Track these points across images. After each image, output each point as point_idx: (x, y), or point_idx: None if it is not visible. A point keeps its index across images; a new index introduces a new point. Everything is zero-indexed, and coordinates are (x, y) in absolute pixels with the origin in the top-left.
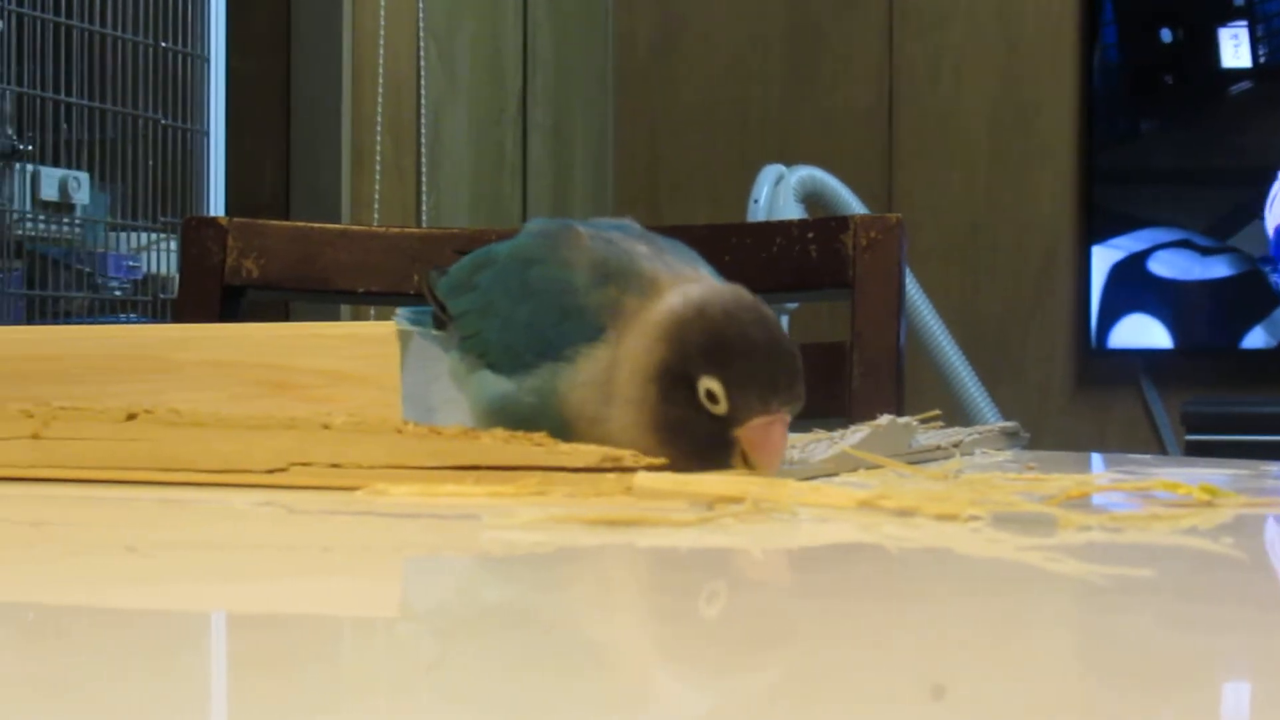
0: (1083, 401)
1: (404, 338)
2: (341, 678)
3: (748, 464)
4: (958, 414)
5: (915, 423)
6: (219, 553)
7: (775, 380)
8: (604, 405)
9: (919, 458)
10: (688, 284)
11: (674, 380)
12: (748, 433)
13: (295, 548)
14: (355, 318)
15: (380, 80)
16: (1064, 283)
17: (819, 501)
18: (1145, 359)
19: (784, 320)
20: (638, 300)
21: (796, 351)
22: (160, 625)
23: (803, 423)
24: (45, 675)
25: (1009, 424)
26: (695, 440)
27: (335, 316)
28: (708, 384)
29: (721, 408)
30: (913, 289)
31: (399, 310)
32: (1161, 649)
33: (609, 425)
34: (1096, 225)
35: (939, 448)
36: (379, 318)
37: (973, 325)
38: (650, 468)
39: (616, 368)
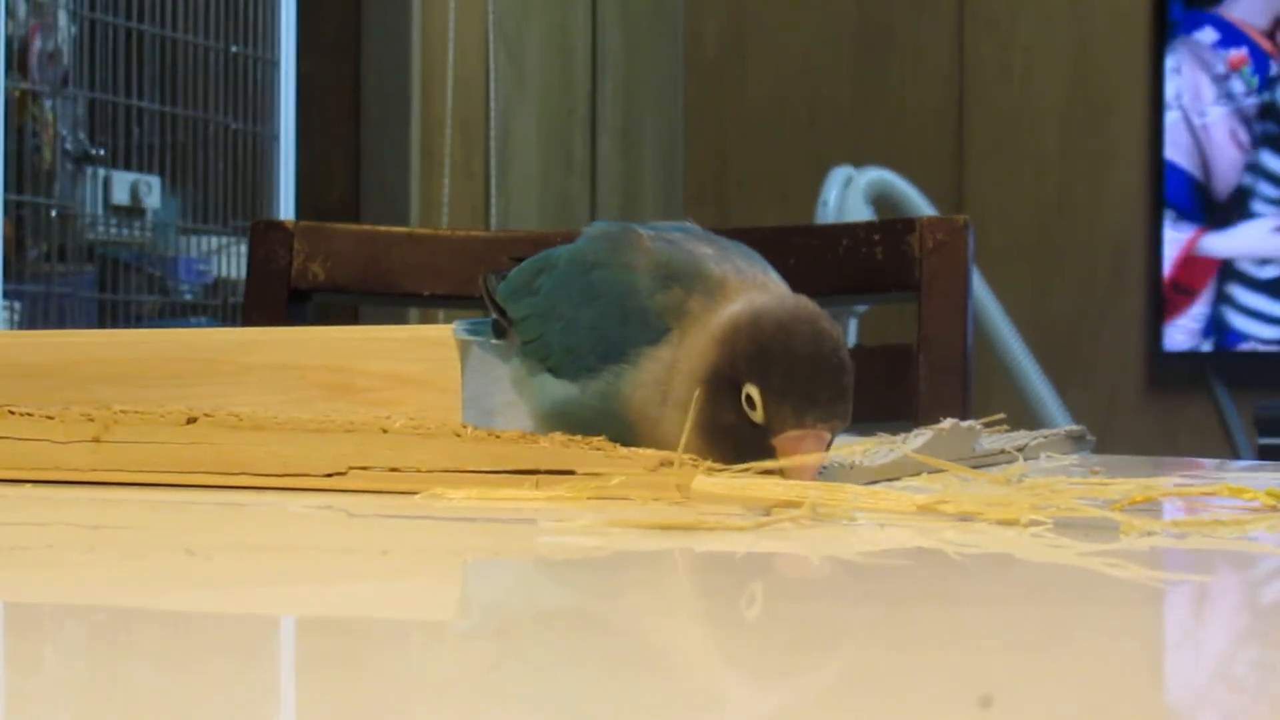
0: (1153, 404)
1: (463, 348)
2: (401, 682)
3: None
4: (1027, 417)
5: (979, 426)
6: (278, 556)
7: (813, 394)
8: (661, 406)
9: (981, 462)
10: (756, 291)
11: (722, 384)
12: (780, 443)
13: (354, 551)
14: (422, 320)
15: (449, 81)
16: (1135, 284)
17: (878, 506)
18: (1218, 360)
19: (852, 324)
20: (704, 301)
21: (846, 369)
22: (220, 629)
23: (867, 426)
24: (107, 678)
25: (1074, 427)
26: (738, 445)
27: (402, 319)
28: (749, 389)
29: (759, 415)
30: (982, 290)
31: (456, 322)
32: (1226, 659)
33: (665, 426)
34: (1168, 226)
35: (1002, 452)
36: (446, 320)
37: (1042, 327)
38: (707, 472)
39: (675, 369)
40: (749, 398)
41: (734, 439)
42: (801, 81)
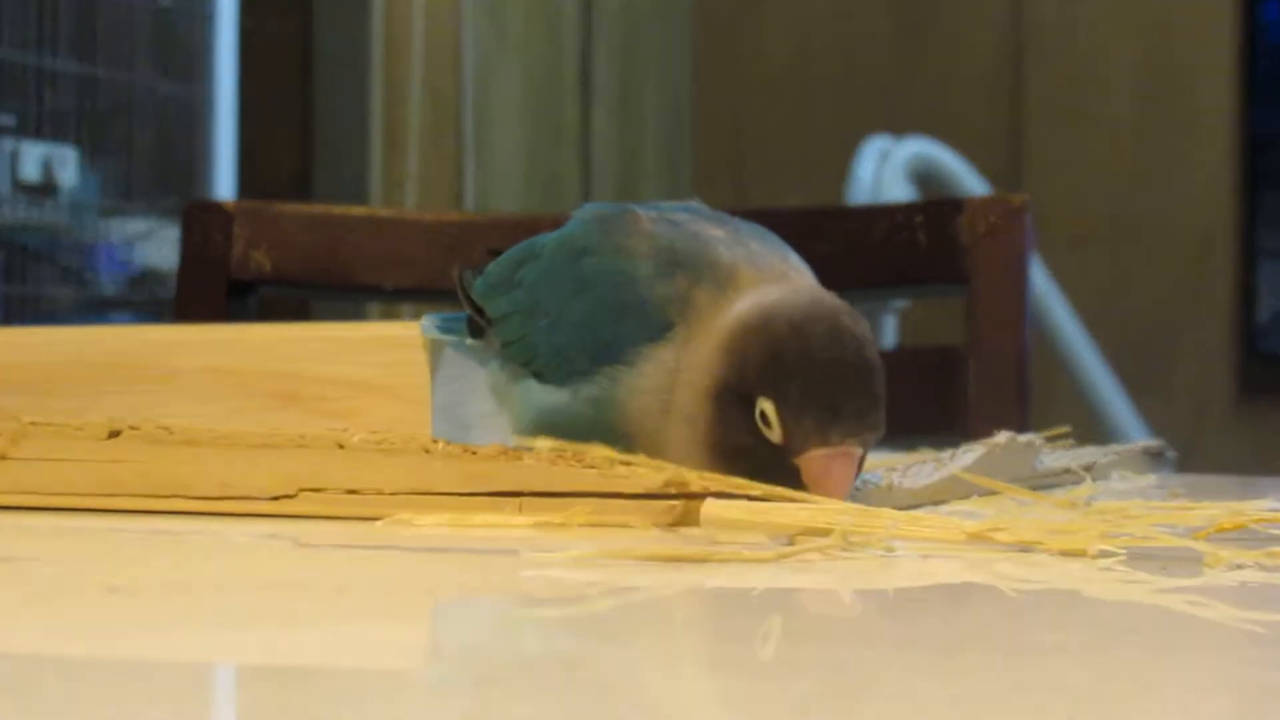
0: (1245, 414)
1: (434, 348)
2: None
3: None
4: (1095, 430)
5: (1040, 441)
6: (215, 594)
7: (837, 405)
8: (664, 415)
9: (1043, 482)
10: (770, 283)
11: (731, 398)
12: (805, 464)
13: (304, 588)
14: (385, 318)
15: (417, 39)
16: (1223, 274)
17: (921, 534)
18: None
19: (890, 322)
20: (713, 294)
21: (874, 371)
22: (147, 680)
23: (908, 440)
24: None
25: (1153, 442)
26: (756, 470)
27: (361, 317)
28: (762, 405)
29: (775, 434)
30: (1043, 283)
31: (425, 318)
32: None
33: (668, 439)
34: (1262, 206)
35: (1067, 471)
36: (412, 319)
37: (1114, 324)
38: (721, 494)
39: (680, 375)
40: (763, 414)
41: (750, 464)
42: (831, 38)
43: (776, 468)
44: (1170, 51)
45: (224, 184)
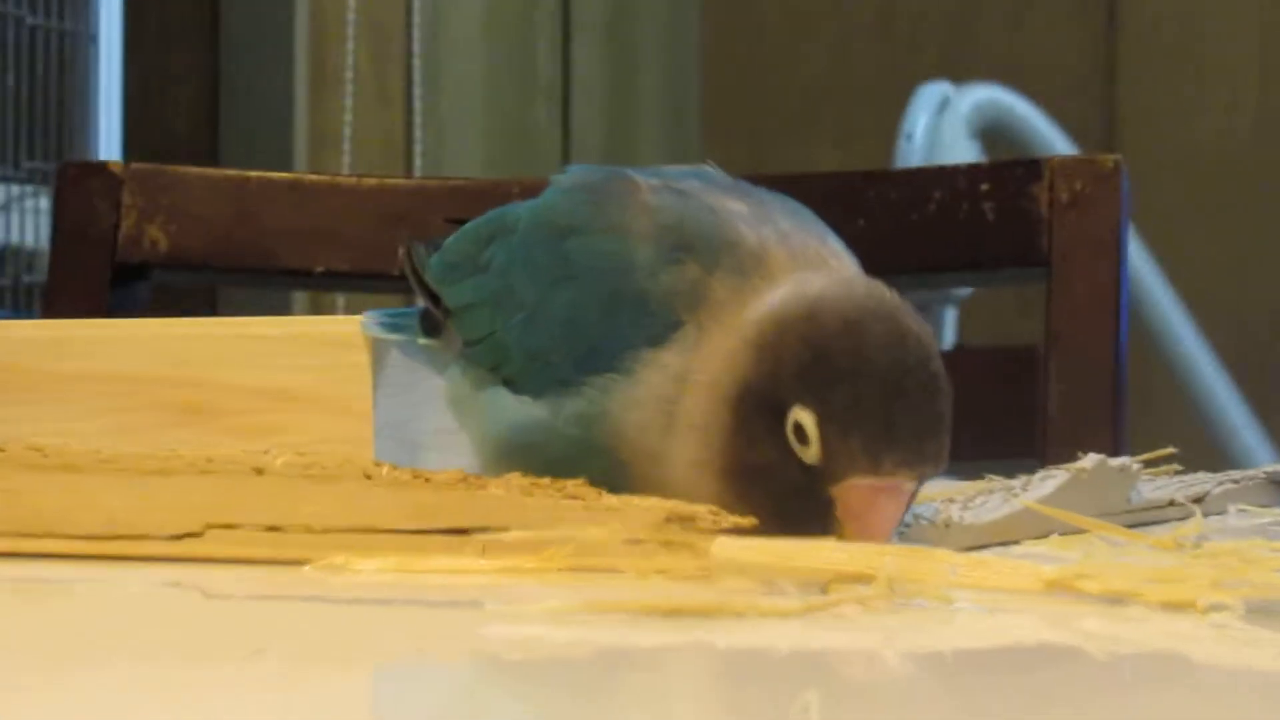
0: None
1: (377, 351)
2: None
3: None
4: (1207, 452)
5: (1136, 466)
6: (102, 658)
7: (893, 425)
8: (667, 435)
9: (1140, 517)
10: (810, 271)
11: (757, 405)
12: (844, 496)
13: (214, 652)
14: (315, 310)
15: None
16: None
17: (986, 582)
18: None
19: (949, 316)
20: (733, 283)
21: (941, 390)
22: None
23: (972, 465)
24: None
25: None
26: (779, 496)
27: (284, 309)
28: (799, 415)
29: (813, 453)
30: (1142, 265)
31: (367, 313)
32: None
33: (671, 464)
34: None
35: (1171, 504)
36: (348, 310)
37: (1235, 319)
38: (736, 530)
39: (688, 381)
40: (798, 427)
41: (773, 487)
42: None
43: (806, 496)
44: None
45: (108, 141)
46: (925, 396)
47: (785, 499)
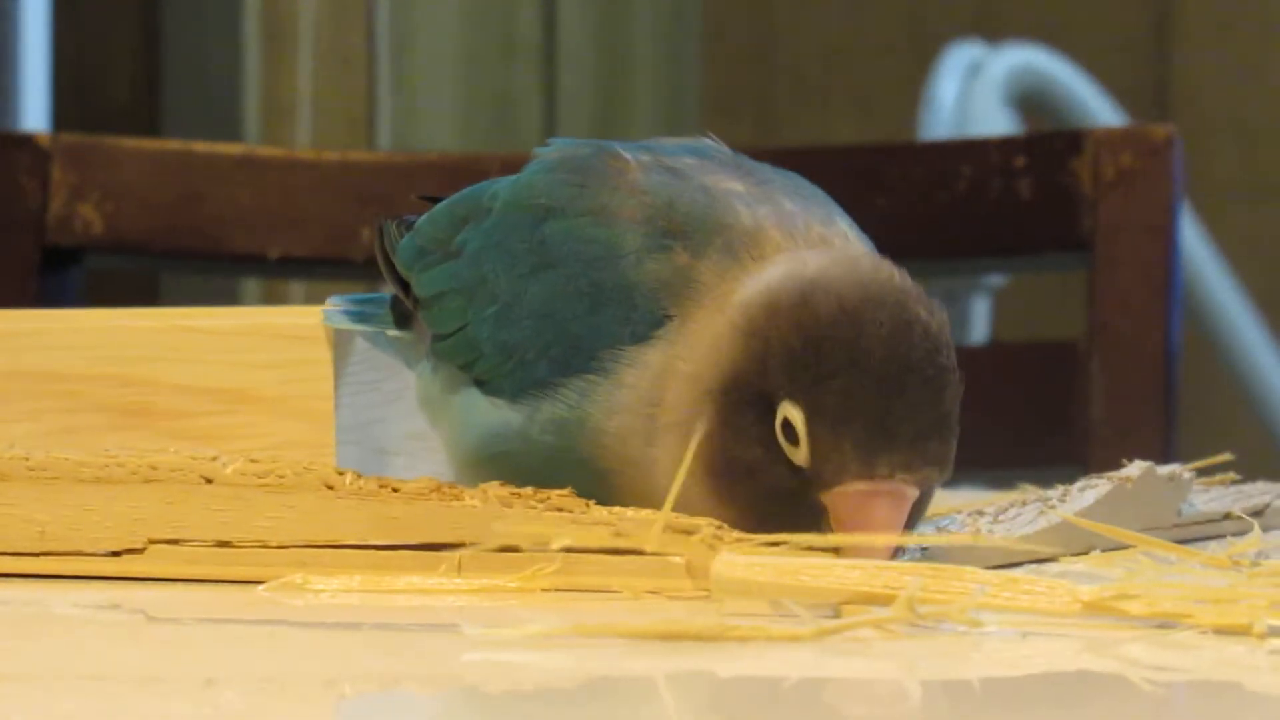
0: None
1: (341, 343)
2: None
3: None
4: (1268, 459)
5: (1188, 475)
6: (33, 689)
7: (891, 424)
8: (654, 440)
9: (1192, 532)
10: (807, 250)
11: (744, 398)
12: (835, 503)
13: (159, 681)
14: (269, 299)
15: None
16: None
17: (1019, 604)
18: None
19: (981, 306)
20: (724, 266)
21: (947, 383)
22: None
23: (1004, 474)
24: None
25: None
26: (763, 499)
27: (235, 299)
28: (787, 411)
29: (802, 454)
30: (1198, 250)
31: (331, 299)
32: None
33: (660, 473)
34: None
35: (1227, 517)
36: (308, 300)
37: None
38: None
39: (675, 377)
40: (787, 424)
41: (758, 490)
42: None
43: (794, 501)
44: None
45: (34, 109)
46: (929, 393)
47: (773, 505)
